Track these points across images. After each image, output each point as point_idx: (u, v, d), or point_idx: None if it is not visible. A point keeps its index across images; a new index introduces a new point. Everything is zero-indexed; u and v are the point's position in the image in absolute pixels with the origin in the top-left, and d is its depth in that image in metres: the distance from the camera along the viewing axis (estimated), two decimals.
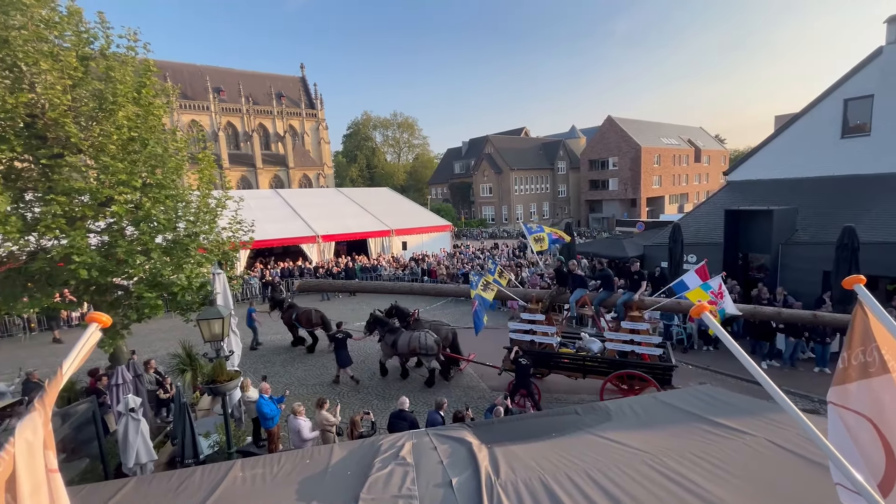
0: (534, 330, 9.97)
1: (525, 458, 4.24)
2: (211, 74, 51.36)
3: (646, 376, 8.64)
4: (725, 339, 1.73)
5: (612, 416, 5.06)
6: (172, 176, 8.27)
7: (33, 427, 1.24)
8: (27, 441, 1.21)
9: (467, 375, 11.72)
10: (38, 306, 7.21)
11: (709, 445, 4.03)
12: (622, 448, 4.20)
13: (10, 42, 6.58)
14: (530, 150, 58.66)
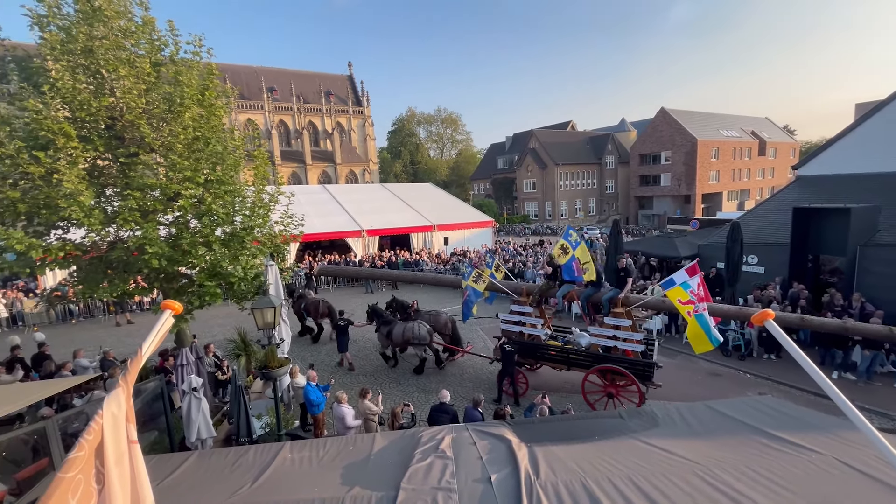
0: (523, 321, 10.24)
1: (566, 459, 4.17)
2: (265, 75, 53.95)
3: (625, 371, 8.83)
4: (790, 348, 1.60)
5: (659, 423, 4.85)
6: (231, 172, 8.80)
7: (118, 401, 1.39)
8: (113, 414, 1.37)
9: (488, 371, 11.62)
10: (116, 291, 7.96)
11: (768, 460, 3.77)
12: (670, 456, 4.02)
13: (94, 51, 7.26)
14: (576, 144, 56.89)
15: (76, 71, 7.14)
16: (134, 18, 7.93)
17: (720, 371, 11.11)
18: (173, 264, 7.74)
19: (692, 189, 46.89)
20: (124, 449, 1.40)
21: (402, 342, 11.39)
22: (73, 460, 1.23)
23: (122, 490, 1.36)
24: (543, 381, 10.70)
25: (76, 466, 1.22)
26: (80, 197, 6.65)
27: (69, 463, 1.22)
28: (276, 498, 3.78)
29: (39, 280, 18.49)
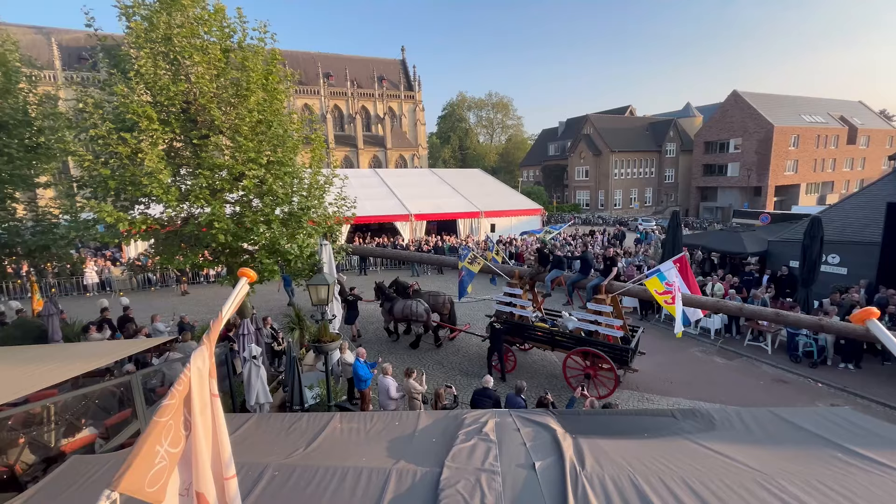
0: (513, 303, 10.73)
1: (612, 454, 4.06)
2: (322, 61, 55.48)
3: (602, 354, 9.27)
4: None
5: (715, 426, 4.59)
6: (290, 155, 9.20)
7: (203, 358, 1.53)
8: (198, 368, 1.50)
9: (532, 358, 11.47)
10: (188, 263, 8.66)
11: (844, 477, 3.45)
12: (728, 461, 3.79)
13: (173, 39, 7.78)
14: (635, 130, 53.85)
15: (157, 58, 7.70)
16: (207, 7, 8.38)
17: (787, 378, 10.29)
18: (237, 240, 8.28)
19: (764, 180, 43.03)
20: (207, 400, 1.55)
21: (402, 318, 12.21)
22: (166, 407, 1.38)
23: (206, 437, 1.50)
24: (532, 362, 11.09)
25: (168, 413, 1.36)
26: (159, 175, 7.25)
27: (163, 409, 1.37)
28: (328, 463, 3.99)
29: (124, 250, 20.52)
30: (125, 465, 1.21)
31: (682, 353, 11.89)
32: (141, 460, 1.22)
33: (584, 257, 10.55)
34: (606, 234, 28.48)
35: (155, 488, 1.24)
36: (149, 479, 1.22)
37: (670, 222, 14.89)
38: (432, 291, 12.98)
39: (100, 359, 5.68)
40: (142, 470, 1.21)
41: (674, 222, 14.65)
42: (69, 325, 11.48)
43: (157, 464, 1.26)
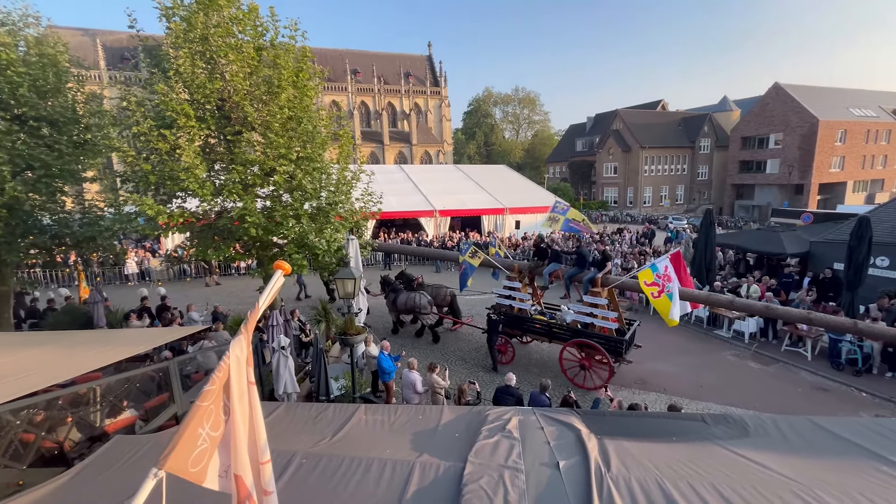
0: (513, 296, 11.06)
1: (639, 456, 3.99)
2: (349, 57, 56.13)
3: (597, 345, 9.52)
4: None
5: (749, 433, 4.42)
6: (319, 150, 9.38)
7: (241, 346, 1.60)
8: (237, 356, 1.57)
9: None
10: (221, 255, 8.98)
11: (886, 489, 3.27)
12: (762, 469, 3.66)
13: (209, 38, 8.05)
14: (667, 125, 52.09)
15: (194, 57, 7.99)
16: (241, 6, 8.62)
17: (828, 386, 9.79)
18: (268, 234, 8.53)
19: (807, 177, 40.87)
20: (245, 388, 1.62)
21: (405, 309, 12.52)
22: (207, 392, 1.45)
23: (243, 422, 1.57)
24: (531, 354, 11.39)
25: (209, 398, 1.43)
26: (195, 170, 7.53)
27: (204, 394, 1.44)
28: (353, 453, 4.08)
29: (162, 242, 21.45)
30: (170, 445, 1.28)
31: (712, 355, 11.50)
32: (185, 442, 1.29)
33: (580, 252, 10.74)
34: (635, 232, 27.73)
35: (197, 469, 1.31)
36: (192, 460, 1.29)
37: (703, 221, 14.37)
38: (435, 284, 13.39)
39: (141, 345, 5.98)
40: (185, 451, 1.28)
41: (707, 221, 14.13)
42: (112, 313, 12.13)
43: (200, 446, 1.33)
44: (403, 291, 12.67)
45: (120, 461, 3.93)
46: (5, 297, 9.90)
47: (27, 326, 12.07)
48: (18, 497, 3.42)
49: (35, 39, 9.20)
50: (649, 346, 12.14)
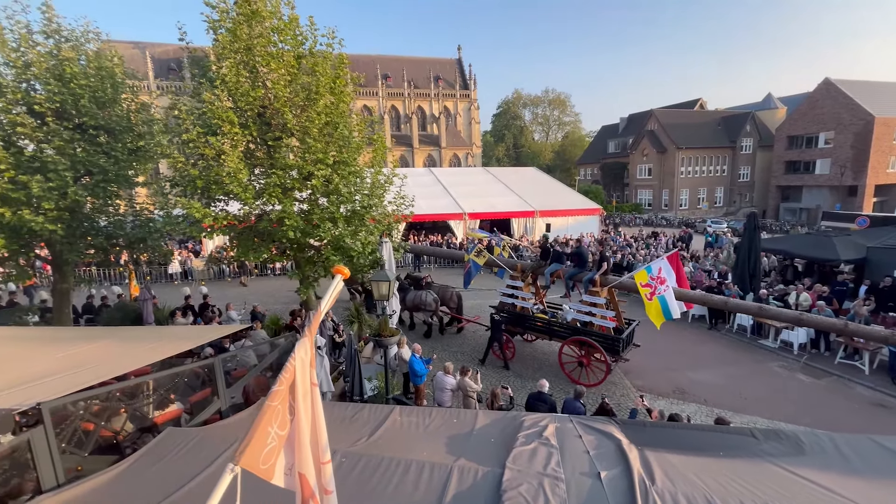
0: (515, 295, 11.32)
1: (684, 470, 3.84)
2: (380, 63, 57.10)
3: (595, 343, 9.71)
4: None
5: (805, 450, 4.18)
6: (354, 155, 9.58)
7: (305, 348, 1.66)
8: (301, 358, 1.63)
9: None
10: (261, 257, 9.31)
11: None
12: (820, 491, 3.45)
13: (252, 48, 8.39)
14: (705, 125, 50.10)
15: (239, 66, 8.34)
16: (283, 17, 8.93)
17: (888, 402, 9.11)
18: (305, 236, 8.78)
19: (861, 178, 38.28)
20: (308, 389, 1.68)
21: (412, 307, 13.02)
22: (276, 393, 1.51)
23: (307, 422, 1.63)
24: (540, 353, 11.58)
25: (278, 398, 1.49)
26: (238, 175, 7.86)
27: (273, 395, 1.50)
28: (391, 454, 4.13)
29: (203, 243, 22.45)
30: (244, 443, 1.34)
31: (757, 366, 10.94)
32: (257, 440, 1.34)
33: (579, 252, 10.95)
34: (671, 236, 26.76)
35: (267, 466, 1.37)
36: (262, 457, 1.35)
37: (747, 224, 13.73)
38: (443, 285, 13.88)
39: (188, 342, 6.28)
40: (257, 448, 1.34)
41: (751, 224, 13.49)
42: (159, 310, 12.80)
43: (269, 444, 1.39)
44: (412, 290, 13.16)
45: (172, 452, 4.13)
46: (66, 293, 10.63)
47: (83, 321, 12.90)
48: (84, 482, 3.66)
49: (94, 53, 9.86)
50: (687, 354, 11.70)
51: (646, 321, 9.60)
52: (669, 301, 8.67)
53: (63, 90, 8.88)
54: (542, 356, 11.69)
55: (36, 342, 6.67)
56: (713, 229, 31.61)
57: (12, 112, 8.66)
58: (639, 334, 11.00)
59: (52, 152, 8.66)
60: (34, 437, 3.54)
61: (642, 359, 11.24)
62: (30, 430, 3.57)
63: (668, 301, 8.67)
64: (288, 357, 6.51)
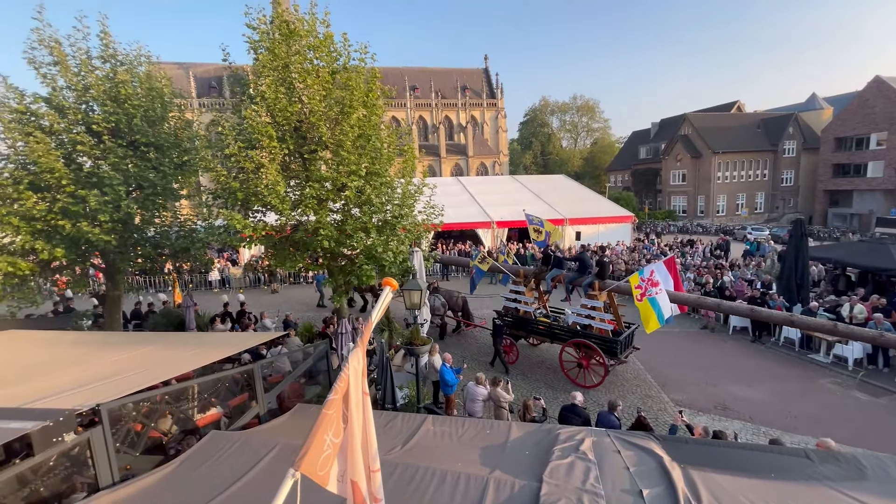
0: (518, 299, 11.74)
1: (732, 491, 3.66)
2: (408, 75, 58.21)
3: (593, 345, 9.99)
4: None
5: (867, 475, 3.90)
6: (385, 166, 9.77)
7: (358, 358, 1.71)
8: (354, 368, 1.68)
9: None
10: (296, 266, 9.60)
11: None
12: None
13: (290, 66, 8.75)
14: (743, 128, 48.15)
15: (277, 83, 8.71)
16: (318, 35, 9.29)
17: None
18: (339, 246, 9.00)
19: None
20: (360, 398, 1.73)
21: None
22: (331, 402, 1.57)
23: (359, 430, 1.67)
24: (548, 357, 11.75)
25: (333, 407, 1.54)
26: (277, 187, 8.16)
27: (329, 403, 1.55)
28: (425, 463, 4.13)
29: (240, 252, 23.34)
30: (303, 449, 1.39)
31: (808, 382, 10.29)
32: (314, 447, 1.39)
33: (581, 258, 11.25)
34: (708, 244, 25.71)
35: (323, 472, 1.41)
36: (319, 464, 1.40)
37: (793, 231, 13.05)
38: (449, 290, 14.47)
39: (229, 348, 6.53)
40: (315, 455, 1.39)
41: (798, 232, 12.81)
42: (200, 316, 13.37)
43: (325, 451, 1.44)
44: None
45: (216, 455, 4.29)
46: (117, 300, 11.29)
47: (132, 327, 13.64)
48: (136, 481, 3.85)
49: (146, 75, 10.55)
50: (729, 368, 11.16)
51: (723, 343, 9.40)
52: (663, 304, 8.81)
53: (118, 110, 9.53)
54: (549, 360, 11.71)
55: (91, 346, 7.10)
56: (754, 236, 30.19)
57: (73, 131, 9.37)
58: (673, 346, 10.73)
59: (107, 168, 9.29)
60: (93, 436, 3.76)
61: (680, 372, 10.82)
62: (89, 430, 3.80)
63: (661, 304, 8.82)
64: (320, 364, 6.63)
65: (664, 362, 11.52)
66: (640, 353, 12.09)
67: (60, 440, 3.54)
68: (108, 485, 3.79)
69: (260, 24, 9.02)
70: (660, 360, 11.63)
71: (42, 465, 3.86)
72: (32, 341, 7.49)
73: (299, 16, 9.19)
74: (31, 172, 8.99)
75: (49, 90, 9.46)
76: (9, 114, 9.08)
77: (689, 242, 26.53)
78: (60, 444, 3.54)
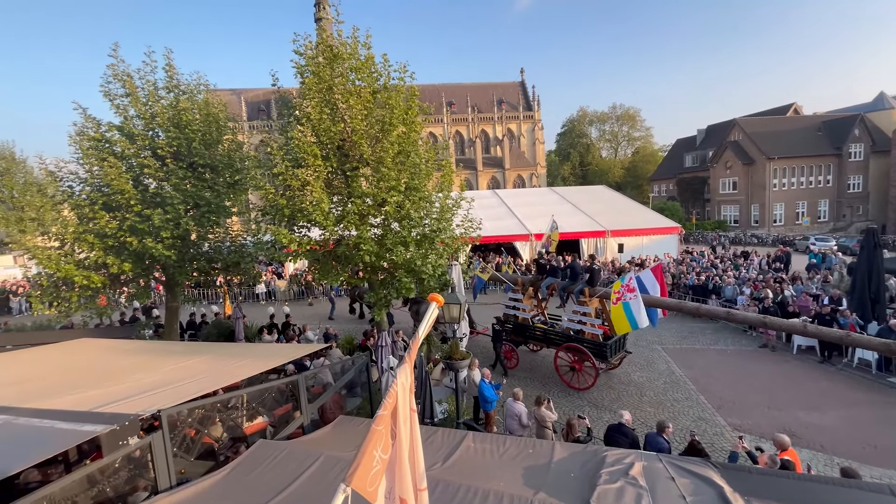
0: (517, 307, 12.35)
1: None
2: (445, 91, 59.32)
3: (583, 349, 10.47)
4: None
5: None
6: (424, 181, 9.93)
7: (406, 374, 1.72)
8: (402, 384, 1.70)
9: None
10: (337, 279, 9.87)
11: None
12: None
13: (333, 88, 9.15)
14: (801, 131, 45.09)
15: (322, 105, 9.13)
16: (360, 57, 9.67)
17: None
18: (379, 260, 9.17)
19: None
20: (407, 414, 1.73)
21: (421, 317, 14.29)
22: (380, 417, 1.58)
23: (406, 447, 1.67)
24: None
25: (382, 423, 1.56)
26: (321, 203, 8.48)
27: (378, 419, 1.57)
28: (467, 482, 4.06)
29: (285, 266, 24.33)
30: (354, 465, 1.41)
31: (890, 409, 9.27)
32: (364, 462, 1.41)
33: (572, 266, 11.85)
34: (765, 256, 24.00)
35: (371, 489, 1.42)
36: (368, 480, 1.41)
37: (864, 241, 11.98)
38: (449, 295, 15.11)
39: (276, 359, 6.77)
40: (365, 471, 1.40)
41: (869, 241, 11.73)
42: (248, 328, 13.98)
43: (374, 467, 1.44)
44: (423, 302, 13.61)
45: (263, 463, 4.42)
46: (175, 311, 12.04)
47: (187, 336, 14.48)
48: (191, 486, 4.03)
49: (204, 102, 11.38)
50: (795, 391, 10.26)
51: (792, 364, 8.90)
52: (635, 309, 9.44)
53: (180, 135, 10.32)
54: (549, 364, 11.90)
55: (152, 354, 7.60)
56: (818, 247, 27.93)
57: (141, 156, 10.22)
58: (729, 365, 10.17)
59: (169, 188, 10.03)
60: (154, 440, 3.99)
61: (737, 394, 10.08)
62: (151, 435, 4.04)
63: (634, 309, 9.44)
64: (360, 376, 6.72)
65: (718, 382, 10.79)
66: (690, 372, 11.45)
67: (126, 443, 3.78)
68: (165, 488, 3.99)
69: (306, 49, 9.53)
70: (713, 380, 10.91)
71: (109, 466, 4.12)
72: (101, 349, 8.12)
73: (342, 40, 9.62)
74: (105, 194, 9.87)
75: (121, 119, 10.41)
76: (87, 141, 10.05)
77: (743, 254, 24.91)
78: (126, 448, 3.77)
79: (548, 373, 11.66)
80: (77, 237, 9.53)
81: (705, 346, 13.57)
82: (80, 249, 9.85)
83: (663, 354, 12.92)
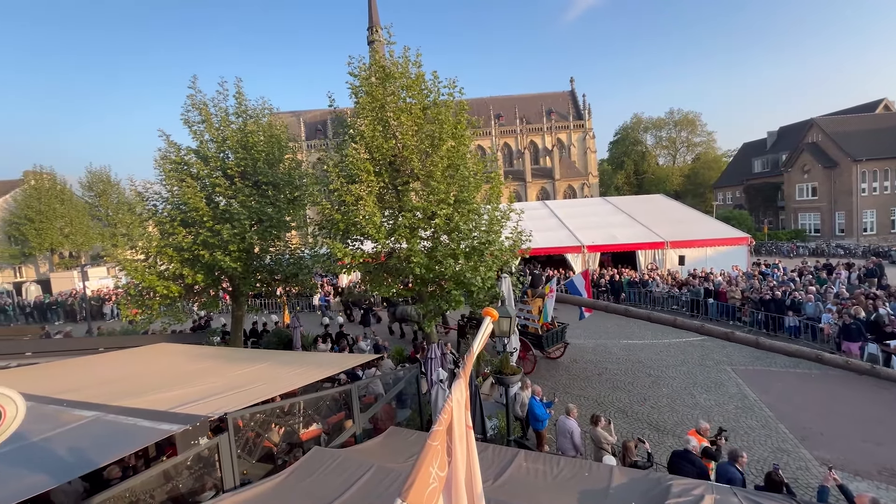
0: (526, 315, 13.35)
1: None
2: (493, 104, 59.58)
3: (525, 340, 12.34)
4: None
5: None
6: (473, 193, 9.96)
7: (461, 390, 1.71)
8: (458, 400, 1.69)
9: None
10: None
11: None
12: None
13: (386, 105, 9.50)
14: (892, 129, 40.33)
15: (374, 123, 9.49)
16: (410, 75, 9.98)
17: None
18: (429, 272, 9.27)
19: None
20: (463, 431, 1.71)
21: (400, 318, 15.78)
22: (436, 433, 1.58)
23: (463, 465, 1.65)
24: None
25: (438, 438, 1.55)
26: (374, 217, 8.75)
27: (433, 434, 1.57)
28: (518, 502, 3.93)
29: (340, 278, 25.29)
30: (410, 479, 1.41)
31: None
32: (420, 479, 1.40)
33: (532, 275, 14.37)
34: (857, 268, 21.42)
35: None
36: (426, 497, 1.40)
37: None
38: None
39: (331, 368, 7.01)
40: (421, 487, 1.39)
41: None
42: (305, 337, 14.63)
43: (431, 484, 1.43)
44: (401, 304, 15.92)
45: (319, 470, 4.56)
46: (240, 319, 12.88)
47: (250, 343, 15.41)
48: (252, 487, 4.24)
49: (268, 124, 12.26)
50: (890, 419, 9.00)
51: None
52: (549, 306, 12.40)
53: (247, 156, 11.17)
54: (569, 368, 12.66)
55: (219, 360, 8.15)
56: None
57: (213, 176, 11.16)
58: (814, 391, 9.40)
59: (237, 205, 10.84)
60: (221, 441, 4.24)
61: (824, 423, 9.02)
62: (218, 436, 4.30)
63: (548, 305, 12.39)
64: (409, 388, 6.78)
65: (801, 410, 9.72)
66: (766, 397, 10.45)
67: (196, 443, 4.05)
68: (230, 488, 4.21)
69: (360, 71, 9.99)
70: (794, 407, 9.85)
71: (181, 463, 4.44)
72: (176, 353, 8.84)
73: (394, 59, 10.00)
74: (183, 211, 10.86)
75: (198, 143, 11.46)
76: (169, 164, 11.15)
77: (826, 267, 22.40)
78: (197, 447, 4.04)
79: (603, 389, 11.16)
80: (159, 250, 10.54)
81: (783, 369, 12.29)
82: (162, 262, 10.87)
83: (733, 376, 11.87)
